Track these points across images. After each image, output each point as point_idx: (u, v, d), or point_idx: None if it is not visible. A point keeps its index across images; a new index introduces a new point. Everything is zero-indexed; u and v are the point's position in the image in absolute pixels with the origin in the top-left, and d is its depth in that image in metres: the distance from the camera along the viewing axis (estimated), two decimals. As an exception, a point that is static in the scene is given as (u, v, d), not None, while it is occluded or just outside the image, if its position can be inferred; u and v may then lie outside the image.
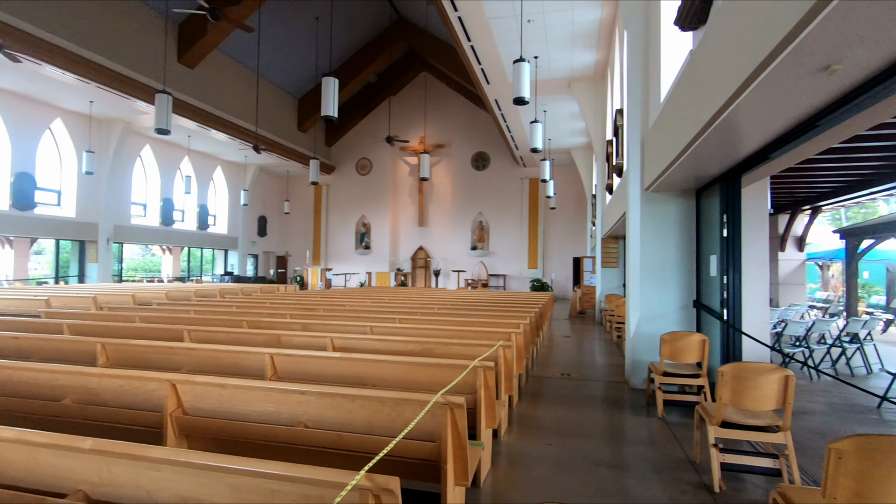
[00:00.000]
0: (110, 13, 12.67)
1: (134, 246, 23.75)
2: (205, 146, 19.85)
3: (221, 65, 16.71)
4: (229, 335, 4.50)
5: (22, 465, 1.68)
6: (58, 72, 11.98)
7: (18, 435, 1.62)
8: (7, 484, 1.70)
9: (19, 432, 1.63)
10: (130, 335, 4.68)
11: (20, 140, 14.26)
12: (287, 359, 3.40)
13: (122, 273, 19.15)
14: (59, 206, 15.76)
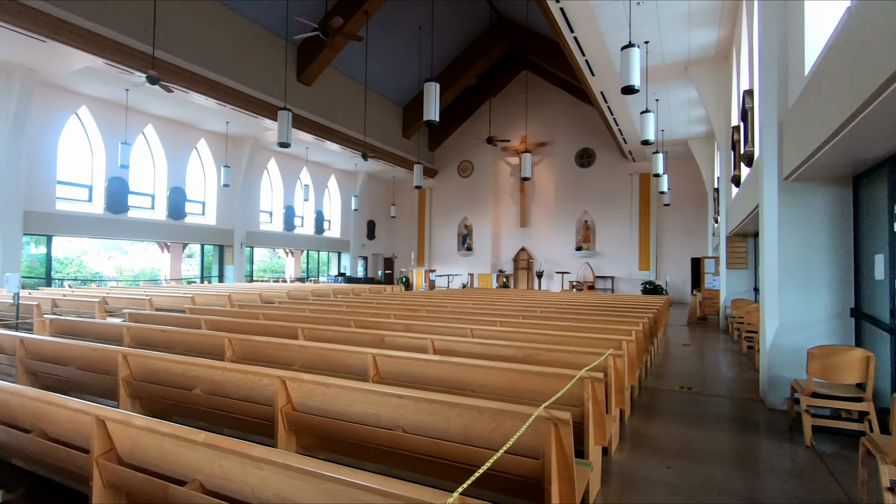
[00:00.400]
0: (241, 42, 14.20)
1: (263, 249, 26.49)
2: (320, 157, 21.46)
3: (334, 80, 17.93)
4: (338, 334, 4.71)
5: (152, 452, 1.84)
6: (202, 98, 13.72)
7: (147, 423, 1.77)
8: (140, 467, 1.87)
9: (147, 421, 1.79)
10: (254, 331, 5.11)
11: (174, 159, 16.59)
12: (388, 360, 3.44)
13: (253, 273, 21.40)
14: (204, 215, 18.05)
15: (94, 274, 29.22)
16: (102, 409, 1.94)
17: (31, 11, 9.61)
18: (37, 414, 2.22)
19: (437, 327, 5.19)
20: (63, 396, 2.10)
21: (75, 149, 14.33)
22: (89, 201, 14.57)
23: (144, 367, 3.27)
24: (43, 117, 13.03)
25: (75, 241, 24.33)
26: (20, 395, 2.24)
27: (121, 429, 1.88)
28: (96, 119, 14.31)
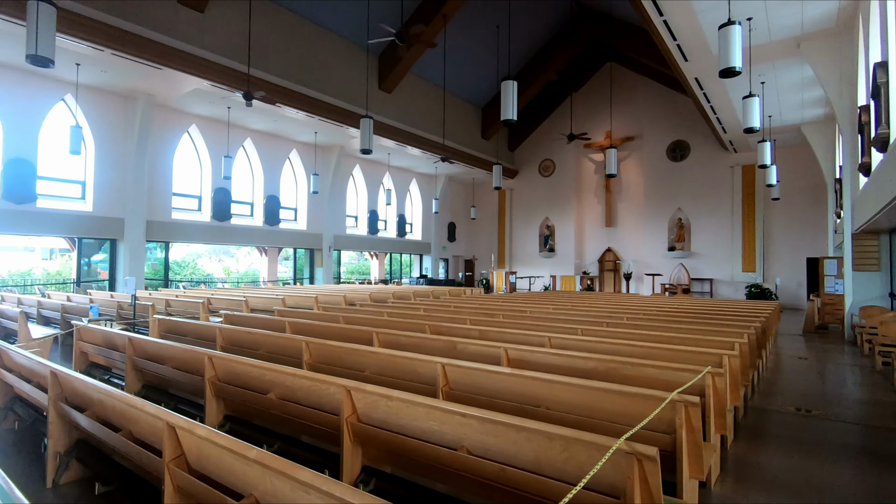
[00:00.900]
0: (327, 55, 14.94)
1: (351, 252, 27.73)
2: (402, 161, 21.99)
3: (413, 86, 18.27)
4: (411, 339, 4.67)
5: (215, 462, 1.85)
6: (293, 111, 14.60)
7: (207, 434, 1.78)
8: (205, 475, 1.89)
9: (209, 431, 1.80)
10: (331, 335, 5.23)
11: (269, 169, 17.85)
12: (458, 370, 3.30)
13: (341, 275, 22.45)
14: (296, 221, 19.24)
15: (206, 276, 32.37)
16: (173, 415, 1.99)
17: (151, 43, 10.78)
18: (124, 414, 2.36)
19: (512, 335, 4.96)
20: (142, 400, 2.20)
21: (187, 163, 15.92)
22: (199, 210, 16.11)
23: (227, 370, 3.43)
24: (161, 136, 14.60)
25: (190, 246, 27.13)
26: (110, 396, 2.40)
27: (188, 437, 1.92)
28: (204, 136, 15.80)
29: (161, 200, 14.73)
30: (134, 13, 10.48)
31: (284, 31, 13.73)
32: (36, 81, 12.17)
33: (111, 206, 13.56)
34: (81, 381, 2.72)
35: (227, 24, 12.23)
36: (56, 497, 2.84)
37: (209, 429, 1.82)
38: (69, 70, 11.65)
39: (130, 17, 10.41)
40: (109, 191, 13.54)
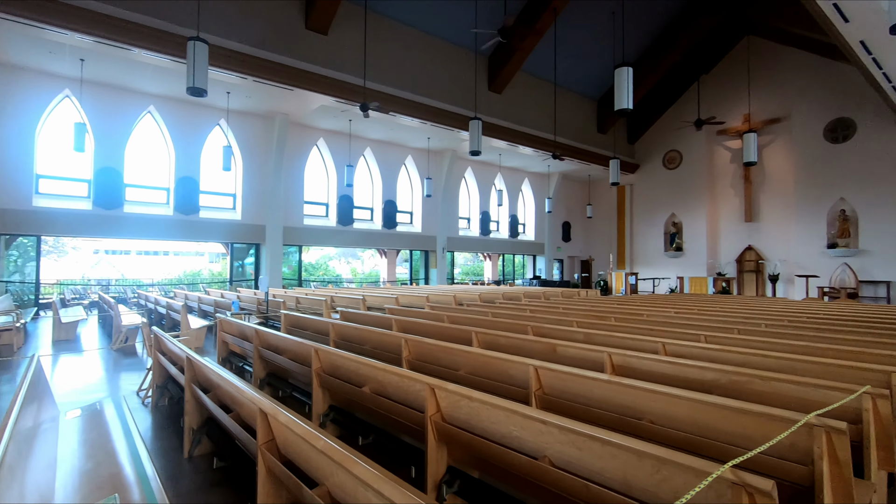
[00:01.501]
0: (436, 61, 15.37)
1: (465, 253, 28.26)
2: (513, 161, 21.79)
3: (523, 84, 17.99)
4: (509, 340, 4.54)
5: (295, 449, 1.93)
6: (407, 119, 15.28)
7: (287, 421, 1.88)
8: (288, 460, 1.99)
9: (288, 419, 1.89)
10: (433, 333, 5.31)
11: (387, 176, 18.90)
12: (552, 374, 3.10)
13: (454, 276, 22.93)
14: (412, 224, 20.10)
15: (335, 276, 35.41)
16: (264, 402, 2.13)
17: (284, 68, 12.06)
18: (233, 398, 2.60)
19: (621, 339, 4.57)
20: (246, 386, 2.40)
21: (316, 173, 17.52)
22: (326, 216, 17.63)
23: (330, 362, 3.64)
24: (294, 150, 16.27)
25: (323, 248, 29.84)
26: (225, 381, 2.66)
27: (274, 422, 2.05)
28: (329, 147, 17.26)
29: (295, 208, 16.40)
30: (270, 42, 11.81)
31: (397, 43, 14.43)
32: (197, 110, 14.33)
33: (255, 214, 15.45)
34: (206, 366, 3.08)
35: (347, 42, 13.20)
36: (190, 467, 3.26)
37: (289, 416, 1.91)
38: (222, 98, 13.53)
39: (267, 47, 11.75)
40: (254, 201, 15.44)
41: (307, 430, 1.76)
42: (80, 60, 11.21)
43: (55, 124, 12.73)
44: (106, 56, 10.94)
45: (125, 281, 27.07)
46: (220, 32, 10.92)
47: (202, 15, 10.18)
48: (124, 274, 31.86)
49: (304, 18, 12.61)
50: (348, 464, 1.48)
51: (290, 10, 12.31)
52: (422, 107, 15.07)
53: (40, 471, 2.10)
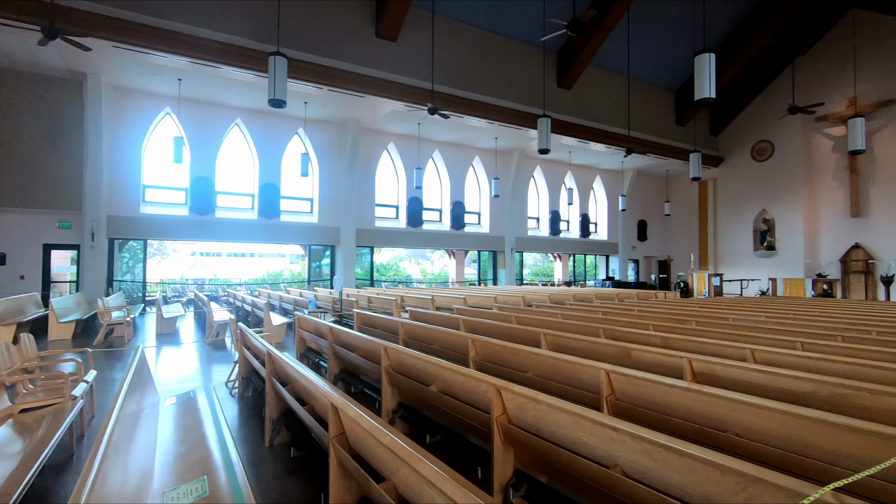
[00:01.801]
0: (502, 60, 15.26)
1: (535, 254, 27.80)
2: (584, 159, 21.12)
3: (594, 78, 17.40)
4: (580, 343, 4.39)
5: (363, 444, 1.99)
6: (475, 120, 15.32)
7: (355, 416, 1.94)
8: (357, 454, 2.05)
9: (356, 414, 1.95)
10: (501, 334, 5.26)
11: (455, 177, 19.04)
12: (625, 379, 2.95)
13: (523, 277, 22.63)
14: (479, 224, 20.10)
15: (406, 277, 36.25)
16: (335, 396, 2.22)
17: (357, 76, 12.56)
18: (308, 392, 2.73)
19: (702, 345, 4.26)
20: (319, 381, 2.51)
21: (386, 177, 18.04)
22: (396, 218, 18.10)
23: (399, 360, 3.72)
24: (366, 155, 16.86)
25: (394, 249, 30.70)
26: (300, 375, 2.80)
27: (344, 417, 2.12)
28: (399, 151, 17.70)
29: (367, 211, 16.98)
30: (343, 53, 12.33)
31: (464, 45, 14.50)
32: (278, 121, 15.27)
33: (331, 217, 16.19)
34: (284, 360, 3.27)
35: (415, 47, 13.46)
36: (270, 455, 3.47)
37: (358, 411, 1.97)
38: (300, 108, 14.32)
39: (340, 56, 12.28)
40: (329, 205, 16.19)
41: (374, 425, 1.80)
42: (178, 80, 12.36)
43: (158, 139, 14.13)
44: (199, 75, 11.98)
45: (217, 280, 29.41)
46: (298, 46, 11.57)
47: (281, 31, 10.84)
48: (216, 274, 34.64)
49: (374, 28, 13.04)
50: (412, 461, 1.49)
51: (362, 21, 12.78)
52: (489, 107, 15.03)
53: (142, 450, 2.32)
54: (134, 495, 2.01)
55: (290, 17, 11.39)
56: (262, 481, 3.06)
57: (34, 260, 12.54)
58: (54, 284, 13.24)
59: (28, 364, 3.76)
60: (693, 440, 2.41)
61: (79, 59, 10.90)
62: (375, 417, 2.31)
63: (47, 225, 12.58)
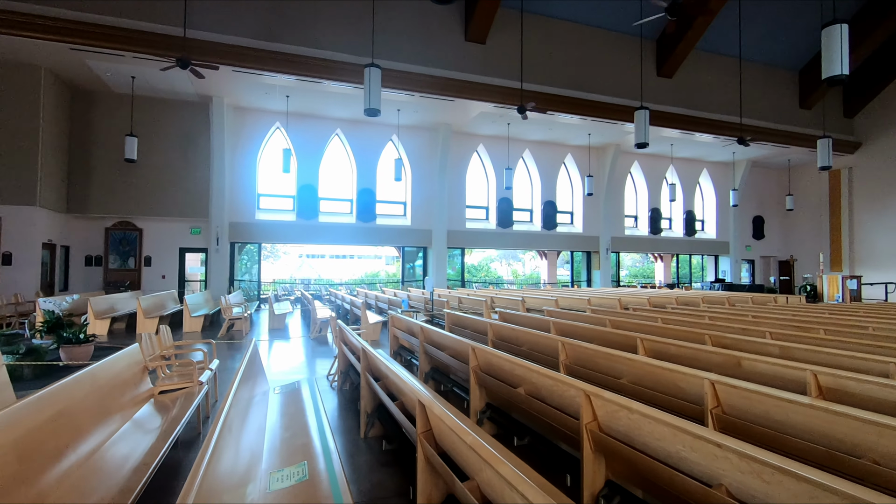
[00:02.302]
0: (595, 52, 14.66)
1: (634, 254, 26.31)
2: (688, 151, 19.58)
3: (699, 64, 16.08)
4: (682, 350, 4.07)
5: (448, 442, 2.02)
6: (567, 116, 14.91)
7: (441, 414, 1.97)
8: (442, 451, 2.08)
9: (442, 412, 1.98)
10: (594, 338, 5.05)
11: (546, 176, 18.65)
12: (734, 392, 2.68)
13: (620, 278, 21.51)
14: (572, 224, 19.48)
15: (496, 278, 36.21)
16: (422, 394, 2.28)
17: (447, 81, 12.83)
18: (398, 387, 2.83)
19: (831, 356, 3.74)
20: (409, 377, 2.59)
21: (476, 179, 18.17)
22: (486, 219, 18.15)
23: (486, 361, 3.72)
24: (456, 158, 17.11)
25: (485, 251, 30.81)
26: (390, 372, 2.92)
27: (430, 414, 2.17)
28: (489, 152, 17.74)
29: (457, 212, 17.23)
30: (433, 59, 12.66)
31: (554, 40, 14.15)
32: (374, 129, 16.05)
33: (423, 219, 16.67)
34: (377, 357, 3.43)
35: (504, 48, 13.41)
36: (365, 446, 3.65)
37: (443, 409, 2.01)
38: (393, 115, 14.94)
39: (431, 63, 12.61)
40: (421, 207, 16.68)
41: (458, 424, 1.83)
42: (286, 97, 13.50)
43: (270, 151, 15.54)
44: (304, 91, 12.99)
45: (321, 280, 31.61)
46: (391, 56, 12.08)
47: (376, 44, 11.40)
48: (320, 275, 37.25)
49: (463, 32, 13.21)
50: (494, 462, 1.49)
51: (451, 27, 13.02)
52: (581, 102, 14.52)
53: (252, 433, 2.57)
54: (244, 473, 2.24)
55: (383, 31, 11.93)
56: (356, 470, 3.23)
57: (173, 262, 14.43)
58: (188, 283, 15.12)
59: (165, 352, 4.35)
60: (817, 464, 2.13)
61: (206, 84, 12.36)
62: (461, 416, 2.34)
63: (182, 231, 14.41)
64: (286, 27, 11.39)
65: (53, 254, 12.46)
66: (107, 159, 13.08)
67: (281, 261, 37.98)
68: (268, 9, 11.27)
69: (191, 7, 10.11)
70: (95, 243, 13.75)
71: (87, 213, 13.16)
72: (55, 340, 6.23)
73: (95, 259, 13.79)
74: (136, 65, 11.13)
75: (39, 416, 2.14)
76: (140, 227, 14.02)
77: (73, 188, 12.93)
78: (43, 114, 11.44)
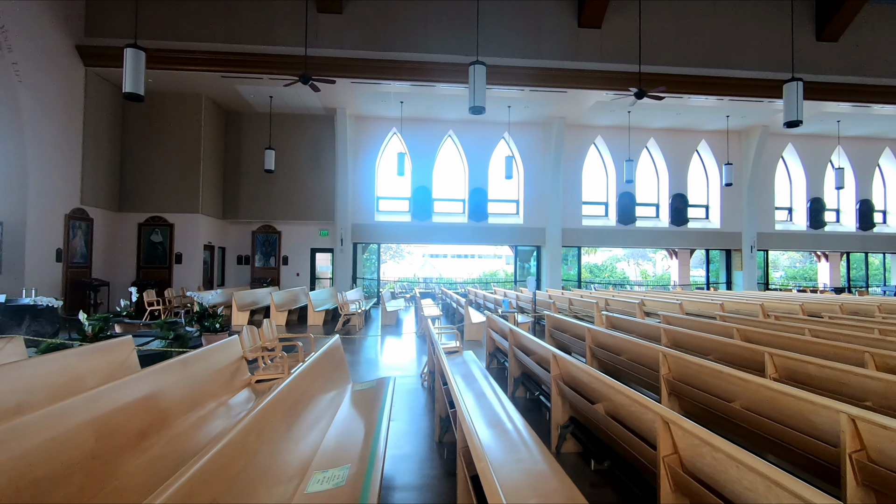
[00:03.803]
0: (732, 24, 12.83)
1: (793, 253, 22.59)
2: (862, 128, 16.22)
3: (873, 19, 13.25)
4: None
5: (709, 465, 1.80)
6: (700, 98, 13.33)
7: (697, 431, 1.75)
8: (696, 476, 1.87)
9: (709, 435, 1.76)
10: (711, 350, 4.33)
11: (675, 167, 16.87)
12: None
13: (768, 280, 18.63)
14: (707, 218, 17.36)
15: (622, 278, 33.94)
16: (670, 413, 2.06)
17: (555, 72, 12.27)
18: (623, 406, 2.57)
19: None
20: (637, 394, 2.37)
21: (594, 173, 17.13)
22: (605, 216, 17.01)
23: (682, 368, 3.41)
24: (571, 152, 16.30)
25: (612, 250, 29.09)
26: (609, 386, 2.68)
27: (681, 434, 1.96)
28: (608, 144, 16.59)
29: (573, 209, 16.42)
30: (540, 50, 12.18)
31: (679, 14, 12.70)
32: (485, 128, 16.00)
33: (536, 217, 16.19)
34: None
35: (623, 29, 12.39)
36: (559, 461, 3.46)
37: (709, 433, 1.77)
38: (503, 113, 14.73)
39: (540, 55, 12.16)
40: (534, 205, 16.21)
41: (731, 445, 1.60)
42: (401, 102, 14.08)
43: (388, 156, 16.38)
44: (418, 95, 13.42)
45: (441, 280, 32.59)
46: (499, 52, 11.90)
47: (482, 41, 11.31)
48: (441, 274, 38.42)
49: (576, 18, 12.51)
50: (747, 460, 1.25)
51: (563, 14, 12.40)
52: (716, 81, 12.81)
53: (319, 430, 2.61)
54: (299, 467, 2.26)
55: (490, 27, 11.80)
56: (423, 477, 3.14)
57: (304, 261, 15.96)
58: (318, 280, 16.61)
59: (269, 343, 4.73)
60: None
61: (331, 97, 13.43)
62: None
63: (313, 233, 15.86)
64: (398, 36, 11.86)
65: (213, 254, 14.58)
66: (252, 171, 14.92)
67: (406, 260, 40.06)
68: (378, 19, 11.84)
69: (311, 30, 11.05)
70: (245, 244, 15.79)
71: (238, 218, 15.15)
72: (199, 329, 7.21)
73: (245, 258, 15.84)
74: (272, 86, 12.50)
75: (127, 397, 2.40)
76: (279, 230, 15.76)
77: (227, 197, 14.99)
78: (204, 134, 13.43)
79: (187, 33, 11.43)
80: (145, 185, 13.15)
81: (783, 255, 31.23)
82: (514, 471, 2.23)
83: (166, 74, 11.79)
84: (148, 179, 13.16)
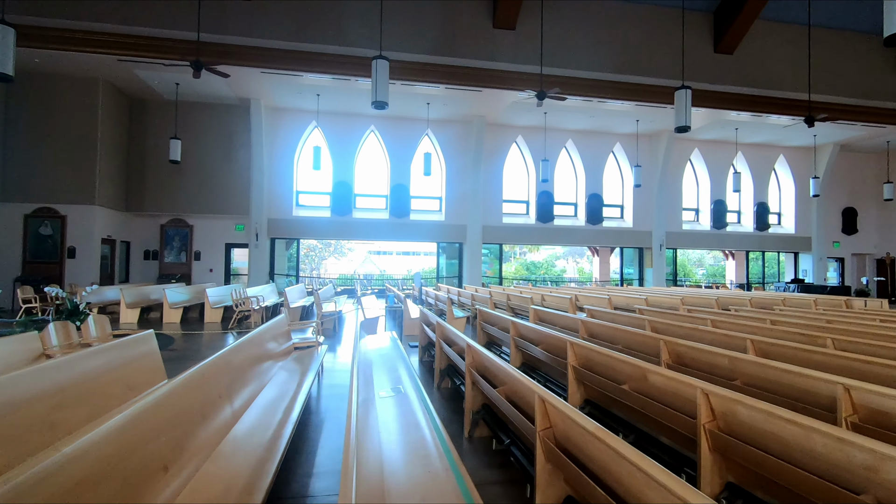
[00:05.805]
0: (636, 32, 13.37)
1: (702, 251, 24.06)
2: (759, 136, 17.54)
3: (764, 36, 14.27)
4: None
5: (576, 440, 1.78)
6: (613, 103, 13.93)
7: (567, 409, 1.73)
8: (566, 449, 1.84)
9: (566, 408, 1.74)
10: (690, 337, 4.52)
11: (591, 168, 17.55)
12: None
13: (676, 277, 19.81)
14: (622, 218, 18.21)
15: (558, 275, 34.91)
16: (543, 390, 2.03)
17: (470, 70, 12.42)
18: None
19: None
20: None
21: (515, 172, 17.53)
22: (526, 214, 17.47)
23: (585, 357, 3.58)
24: (492, 151, 16.59)
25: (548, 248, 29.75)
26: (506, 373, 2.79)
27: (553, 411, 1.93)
28: (528, 144, 17.02)
29: (493, 207, 16.73)
30: (455, 48, 12.29)
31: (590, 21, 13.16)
32: (407, 124, 15.98)
33: (457, 215, 16.37)
34: (484, 354, 3.39)
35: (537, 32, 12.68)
36: (470, 446, 3.56)
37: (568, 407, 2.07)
38: (423, 109, 14.77)
39: (455, 53, 12.24)
40: (456, 203, 16.40)
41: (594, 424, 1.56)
42: (317, 95, 13.80)
43: (308, 150, 16.03)
44: (336, 89, 13.21)
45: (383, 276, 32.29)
46: (412, 49, 11.86)
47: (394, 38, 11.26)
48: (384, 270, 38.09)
49: (491, 18, 12.70)
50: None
51: (480, 14, 12.50)
52: (624, 86, 13.42)
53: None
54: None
55: (403, 22, 11.75)
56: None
57: (219, 256, 15.36)
58: (235, 276, 16.03)
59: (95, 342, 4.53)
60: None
61: (243, 87, 12.95)
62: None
63: (228, 228, 15.29)
64: (307, 26, 11.58)
65: (114, 248, 13.72)
66: (160, 162, 14.15)
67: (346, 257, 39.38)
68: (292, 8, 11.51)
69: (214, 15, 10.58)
70: (153, 239, 14.98)
71: (144, 210, 14.35)
72: (62, 327, 6.74)
73: (153, 254, 15.03)
74: (178, 72, 11.85)
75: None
76: (191, 224, 15.06)
77: (131, 188, 14.15)
78: (101, 121, 12.59)
79: (75, 12, 10.62)
80: (32, 174, 12.19)
81: (708, 255, 33.21)
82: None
83: (58, 56, 10.97)
84: (36, 168, 12.20)
